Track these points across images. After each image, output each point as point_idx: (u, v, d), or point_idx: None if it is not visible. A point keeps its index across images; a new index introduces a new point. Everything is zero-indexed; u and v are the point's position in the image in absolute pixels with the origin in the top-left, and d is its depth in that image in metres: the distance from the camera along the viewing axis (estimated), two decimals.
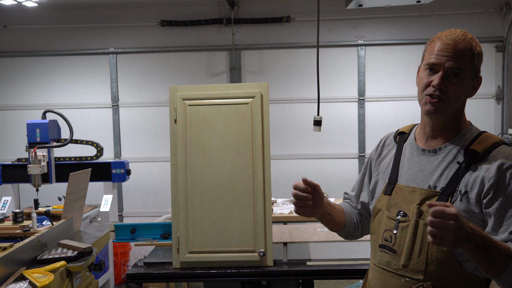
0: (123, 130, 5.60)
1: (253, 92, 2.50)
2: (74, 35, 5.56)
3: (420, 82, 1.68)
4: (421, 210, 1.64)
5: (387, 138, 1.92)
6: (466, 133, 1.69)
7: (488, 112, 5.37)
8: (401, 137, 1.85)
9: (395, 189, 1.74)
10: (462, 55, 1.61)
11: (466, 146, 1.64)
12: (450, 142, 1.68)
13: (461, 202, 1.59)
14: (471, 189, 1.59)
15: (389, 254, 1.70)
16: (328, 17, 5.25)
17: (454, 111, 1.68)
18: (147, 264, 2.59)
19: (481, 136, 1.67)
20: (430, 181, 1.66)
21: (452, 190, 1.61)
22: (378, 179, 1.85)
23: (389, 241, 1.70)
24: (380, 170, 1.86)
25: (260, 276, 2.49)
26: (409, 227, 1.65)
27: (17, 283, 2.11)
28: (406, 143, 1.81)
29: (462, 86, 1.64)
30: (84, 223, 3.76)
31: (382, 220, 1.75)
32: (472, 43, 1.65)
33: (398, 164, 1.78)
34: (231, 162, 2.49)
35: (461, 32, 1.65)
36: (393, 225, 1.70)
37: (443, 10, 5.26)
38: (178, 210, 2.51)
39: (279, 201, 4.15)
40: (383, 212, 1.75)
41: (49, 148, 4.07)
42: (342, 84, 5.44)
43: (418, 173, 1.71)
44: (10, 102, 5.62)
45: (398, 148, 1.82)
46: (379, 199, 1.79)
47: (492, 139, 1.65)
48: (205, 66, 5.56)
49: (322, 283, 5.07)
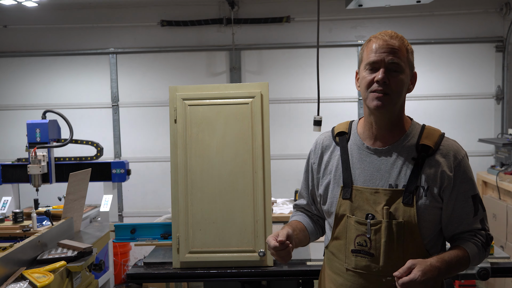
0: (123, 130, 5.61)
1: (253, 92, 2.50)
2: (74, 35, 5.56)
3: (362, 81, 1.73)
4: (388, 210, 1.66)
5: (324, 139, 1.90)
6: (412, 129, 1.74)
7: (488, 112, 5.37)
8: (341, 137, 1.83)
9: (354, 192, 1.73)
10: (399, 50, 1.68)
11: (416, 141, 1.71)
12: (400, 139, 1.72)
13: (426, 198, 1.66)
14: (433, 184, 1.66)
15: (367, 258, 1.70)
16: (328, 17, 5.25)
17: (398, 107, 1.73)
18: (147, 264, 2.59)
19: (425, 129, 1.74)
20: (389, 180, 1.69)
21: (414, 186, 1.66)
22: (329, 182, 1.81)
23: (365, 246, 1.70)
24: (327, 173, 1.83)
25: (260, 276, 2.49)
26: (381, 229, 1.66)
27: (17, 283, 2.11)
28: (350, 143, 1.80)
29: (402, 79, 1.69)
30: (84, 223, 3.76)
31: (350, 225, 1.73)
32: (404, 41, 1.73)
33: (348, 166, 1.76)
34: (231, 162, 2.49)
35: (393, 31, 1.73)
36: (364, 229, 1.69)
37: (443, 10, 5.26)
38: (178, 210, 2.51)
39: (279, 201, 4.15)
40: (348, 217, 1.73)
41: (49, 148, 4.07)
42: (342, 84, 5.44)
43: (375, 173, 1.71)
44: (10, 102, 5.62)
45: (343, 149, 1.80)
46: (339, 204, 1.75)
47: (436, 132, 1.74)
48: (205, 66, 5.56)
49: None
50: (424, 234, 1.68)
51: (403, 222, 1.65)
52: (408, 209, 1.65)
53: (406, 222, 1.65)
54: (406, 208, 1.65)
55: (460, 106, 5.37)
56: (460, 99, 5.37)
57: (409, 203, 1.65)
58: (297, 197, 4.07)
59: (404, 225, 1.65)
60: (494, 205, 4.47)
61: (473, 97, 5.35)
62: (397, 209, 1.66)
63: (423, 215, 1.66)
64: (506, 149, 4.65)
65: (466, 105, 5.37)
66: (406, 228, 1.65)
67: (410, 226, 1.65)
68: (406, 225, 1.65)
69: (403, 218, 1.65)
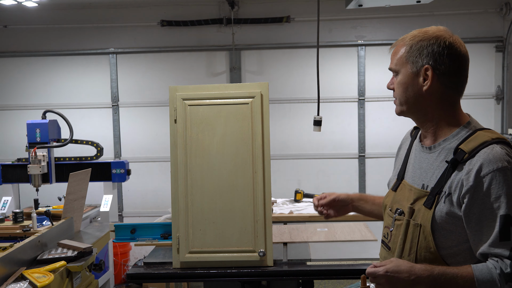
0: (123, 130, 5.60)
1: (253, 92, 2.50)
2: (74, 35, 5.56)
3: None
4: (413, 209, 1.65)
5: (407, 133, 1.96)
6: (461, 130, 1.63)
7: (488, 112, 5.38)
8: (416, 132, 1.86)
9: (401, 186, 1.77)
10: (395, 55, 1.69)
11: (458, 144, 1.59)
12: (443, 140, 1.65)
13: (444, 204, 1.57)
14: (454, 191, 1.55)
15: (386, 250, 1.76)
16: (328, 17, 5.25)
17: (418, 107, 1.68)
18: (147, 264, 2.59)
19: (475, 134, 1.60)
20: (424, 179, 1.67)
21: (438, 190, 1.59)
22: (394, 173, 1.89)
23: (386, 238, 1.76)
24: (396, 165, 1.92)
25: (260, 276, 2.49)
26: (402, 226, 1.67)
27: (17, 283, 2.11)
28: (416, 139, 1.83)
29: (400, 81, 1.68)
30: (84, 223, 3.76)
31: (385, 216, 1.81)
32: (405, 40, 1.67)
33: (407, 161, 1.81)
34: (231, 162, 2.48)
35: (408, 34, 1.69)
36: (390, 222, 1.74)
37: (443, 10, 5.26)
38: (178, 210, 2.51)
39: (279, 201, 4.15)
40: (386, 208, 1.81)
41: (49, 148, 4.07)
42: (342, 84, 5.44)
43: (417, 170, 1.72)
44: (10, 102, 5.62)
45: (410, 143, 1.85)
46: (387, 194, 1.85)
47: (484, 137, 1.57)
48: (205, 66, 5.56)
49: (322, 283, 5.07)
50: (441, 243, 1.58)
51: (420, 224, 1.61)
52: (427, 212, 1.59)
53: (423, 225, 1.60)
54: (426, 211, 1.60)
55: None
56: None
57: (428, 206, 1.59)
58: (297, 197, 4.09)
59: (420, 227, 1.61)
60: None
61: (473, 97, 5.35)
62: (419, 210, 1.63)
63: (440, 221, 1.57)
64: None
65: (466, 105, 5.22)
66: (422, 231, 1.60)
67: (424, 229, 1.60)
68: (421, 228, 1.60)
69: (421, 220, 1.61)
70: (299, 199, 4.07)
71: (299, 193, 4.08)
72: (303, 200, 4.08)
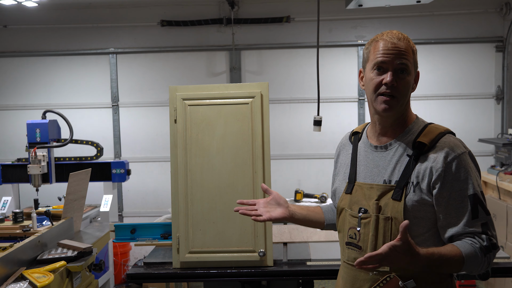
0: (123, 130, 5.60)
1: (253, 92, 2.50)
2: (74, 35, 5.56)
3: (370, 83, 1.74)
4: (379, 205, 1.70)
5: (343, 139, 2.02)
6: (413, 126, 1.75)
7: (488, 112, 5.37)
8: (355, 136, 1.93)
9: (355, 187, 1.80)
10: (406, 53, 1.70)
11: (414, 139, 1.71)
12: (398, 137, 1.75)
13: (414, 193, 1.66)
14: (422, 180, 1.66)
15: (355, 250, 1.76)
16: (328, 17, 5.25)
17: (404, 107, 1.75)
18: (147, 264, 2.59)
19: (427, 127, 1.74)
20: (384, 176, 1.73)
21: (405, 182, 1.68)
22: (340, 178, 1.92)
23: (354, 238, 1.77)
24: (340, 171, 1.94)
25: (260, 276, 2.49)
26: (370, 223, 1.71)
27: (17, 283, 2.11)
28: (360, 142, 1.88)
29: (409, 81, 1.71)
30: (84, 223, 3.76)
31: (346, 218, 1.81)
32: (410, 41, 1.74)
33: (355, 163, 1.85)
34: (231, 162, 2.49)
35: (399, 32, 1.74)
36: (356, 223, 1.76)
37: (443, 10, 5.26)
38: (178, 210, 2.51)
39: None
40: (345, 211, 1.82)
41: (49, 148, 4.07)
42: (342, 84, 5.44)
43: (374, 169, 1.77)
44: (10, 102, 5.62)
45: (354, 147, 1.89)
46: (342, 198, 1.85)
47: (438, 130, 1.72)
48: (205, 66, 5.56)
49: (322, 283, 5.07)
50: (414, 232, 1.65)
51: (390, 217, 1.67)
52: (396, 204, 1.67)
53: (394, 218, 1.67)
54: (395, 204, 1.67)
55: (460, 106, 5.37)
56: (460, 99, 5.37)
57: (397, 198, 1.67)
58: (297, 197, 4.09)
59: (391, 220, 1.67)
60: (494, 205, 4.48)
61: (473, 97, 5.35)
62: (387, 204, 1.69)
63: (412, 211, 1.66)
64: (506, 149, 4.65)
65: (466, 105, 5.37)
66: (393, 224, 1.67)
67: (396, 221, 1.66)
68: (393, 220, 1.67)
69: (391, 213, 1.67)
70: (299, 199, 4.07)
71: (299, 193, 4.08)
72: (303, 200, 4.08)
